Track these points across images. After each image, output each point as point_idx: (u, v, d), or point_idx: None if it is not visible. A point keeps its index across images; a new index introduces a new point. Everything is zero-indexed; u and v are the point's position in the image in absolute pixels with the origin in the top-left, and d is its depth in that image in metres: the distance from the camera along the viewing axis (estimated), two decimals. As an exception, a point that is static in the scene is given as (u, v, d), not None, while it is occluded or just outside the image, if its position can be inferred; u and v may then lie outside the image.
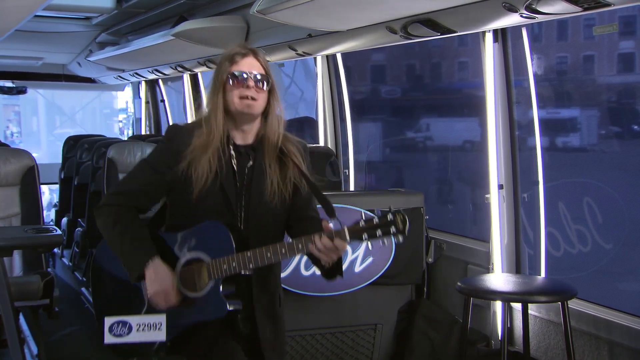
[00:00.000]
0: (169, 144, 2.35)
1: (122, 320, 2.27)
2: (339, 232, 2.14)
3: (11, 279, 3.51)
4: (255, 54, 2.36)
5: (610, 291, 3.99)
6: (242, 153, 2.35)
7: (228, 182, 2.30)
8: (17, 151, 4.31)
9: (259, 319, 2.36)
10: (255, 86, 2.29)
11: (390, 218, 2.11)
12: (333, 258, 2.19)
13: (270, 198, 2.32)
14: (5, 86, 9.04)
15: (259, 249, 2.20)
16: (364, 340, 3.79)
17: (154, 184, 2.35)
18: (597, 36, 4.82)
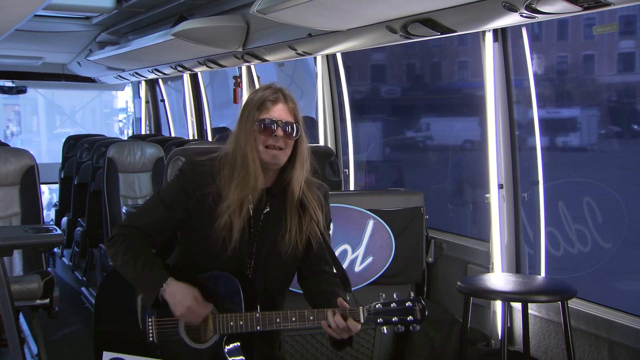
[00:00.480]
0: (183, 181, 2.27)
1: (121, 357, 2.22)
2: (354, 312, 2.07)
3: (11, 279, 3.52)
4: (285, 99, 2.25)
5: (610, 291, 3.98)
6: (259, 198, 2.25)
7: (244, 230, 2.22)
8: (17, 151, 4.32)
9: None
10: (284, 135, 2.20)
11: (408, 305, 2.05)
12: (344, 337, 2.12)
13: (284, 248, 2.24)
14: (5, 86, 9.05)
15: (269, 313, 2.14)
16: (364, 339, 3.79)
17: (165, 222, 2.27)
18: (597, 36, 4.82)
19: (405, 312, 2.05)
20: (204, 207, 2.21)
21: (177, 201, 2.25)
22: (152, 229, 2.26)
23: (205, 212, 2.20)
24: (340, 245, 3.59)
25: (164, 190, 2.33)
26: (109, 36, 6.80)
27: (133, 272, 2.21)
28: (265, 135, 2.19)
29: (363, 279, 3.66)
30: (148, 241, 2.27)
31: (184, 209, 2.24)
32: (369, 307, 2.08)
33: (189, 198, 2.23)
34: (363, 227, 3.63)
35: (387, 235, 3.68)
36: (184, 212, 2.24)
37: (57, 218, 7.45)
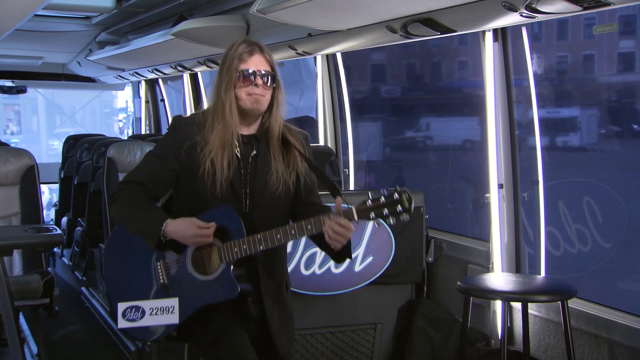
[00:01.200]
0: (174, 134, 2.46)
1: (136, 305, 2.34)
2: (347, 211, 2.19)
3: (11, 279, 3.52)
4: (261, 50, 2.45)
5: (610, 290, 3.99)
6: (246, 143, 2.44)
7: (234, 172, 2.40)
8: (17, 150, 4.32)
9: (267, 303, 2.43)
10: (262, 84, 2.39)
11: (396, 197, 2.17)
12: (342, 241, 2.24)
13: (274, 186, 2.41)
14: (5, 85, 9.04)
15: (269, 231, 2.28)
16: (364, 339, 3.79)
17: (160, 173, 2.43)
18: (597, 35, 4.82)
19: (394, 204, 2.16)
20: (193, 155, 2.39)
21: (169, 153, 2.43)
22: (150, 181, 2.43)
23: (195, 160, 2.39)
24: (340, 245, 3.59)
25: (157, 146, 2.51)
26: (109, 36, 6.80)
27: (134, 222, 2.37)
28: (245, 84, 2.38)
29: (363, 279, 3.66)
30: (146, 194, 2.42)
31: (176, 159, 2.42)
32: (360, 205, 2.20)
33: (179, 149, 2.41)
34: (363, 227, 3.63)
35: (387, 235, 3.68)
36: (176, 162, 2.42)
37: (57, 218, 7.45)
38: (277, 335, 2.45)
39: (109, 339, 4.82)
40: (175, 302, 2.32)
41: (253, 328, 2.43)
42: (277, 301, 2.47)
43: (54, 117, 13.99)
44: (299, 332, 3.65)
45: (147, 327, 2.35)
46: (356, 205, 2.20)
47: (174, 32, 4.75)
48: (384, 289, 3.78)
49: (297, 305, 3.61)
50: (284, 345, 2.48)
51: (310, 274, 3.56)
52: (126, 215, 2.40)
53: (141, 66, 7.04)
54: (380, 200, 2.18)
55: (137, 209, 2.37)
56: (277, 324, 2.45)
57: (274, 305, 2.46)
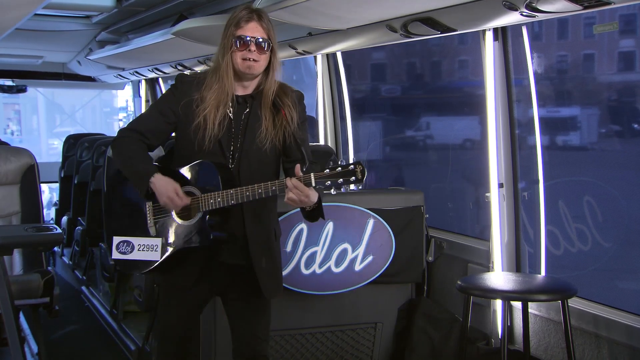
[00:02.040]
0: (175, 91, 2.66)
1: (127, 240, 2.65)
2: (306, 177, 2.40)
3: (11, 278, 3.52)
4: (259, 17, 2.60)
5: (610, 290, 3.99)
6: (241, 102, 2.64)
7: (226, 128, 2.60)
8: (17, 150, 4.32)
9: (253, 250, 2.61)
10: (257, 49, 2.55)
11: (351, 168, 2.37)
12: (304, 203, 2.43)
13: (261, 143, 2.59)
14: (5, 85, 9.03)
15: (241, 188, 2.49)
16: (364, 338, 3.79)
17: (158, 125, 2.65)
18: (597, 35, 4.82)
19: (348, 174, 2.37)
20: (189, 111, 2.60)
21: (168, 107, 2.65)
22: (148, 131, 2.65)
23: (189, 116, 2.60)
24: (340, 244, 3.59)
25: (159, 100, 2.74)
26: (109, 35, 6.79)
27: (129, 170, 2.63)
28: (241, 49, 2.56)
29: (363, 278, 3.66)
30: (144, 142, 2.65)
31: (173, 113, 2.63)
32: (318, 173, 2.40)
33: (177, 104, 2.62)
34: (363, 226, 3.63)
35: (387, 234, 3.68)
36: (174, 116, 2.64)
37: (57, 217, 7.45)
38: (264, 280, 2.63)
39: (109, 338, 4.82)
40: (158, 242, 2.61)
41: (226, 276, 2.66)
42: (264, 248, 2.65)
43: (54, 117, 13.99)
44: (300, 330, 3.65)
45: (134, 261, 2.62)
46: (315, 173, 2.39)
47: (174, 32, 4.75)
48: (384, 288, 3.78)
49: (297, 305, 3.63)
50: (270, 290, 2.67)
51: (310, 273, 3.56)
52: (123, 162, 2.64)
53: (141, 65, 7.04)
54: (336, 170, 2.37)
55: (132, 158, 2.61)
56: (264, 269, 2.63)
57: (261, 251, 2.63)
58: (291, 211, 3.47)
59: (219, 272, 2.66)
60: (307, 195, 2.40)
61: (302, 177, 2.40)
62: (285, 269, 3.49)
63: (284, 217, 3.47)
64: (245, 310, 2.72)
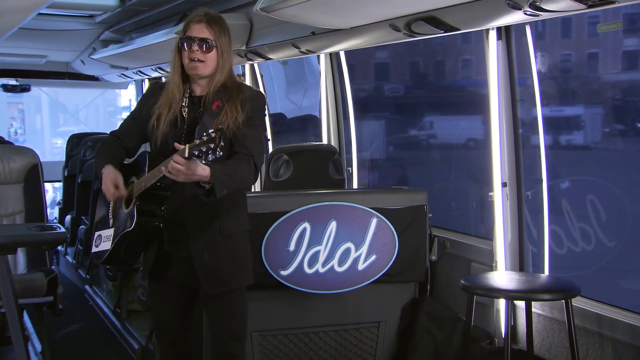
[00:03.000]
0: (145, 97, 2.85)
1: (99, 233, 2.85)
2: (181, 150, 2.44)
3: (15, 277, 3.52)
4: (209, 20, 2.68)
5: (614, 289, 3.98)
6: (196, 102, 2.74)
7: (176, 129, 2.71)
8: (21, 149, 4.33)
9: (194, 243, 2.70)
10: (200, 49, 2.65)
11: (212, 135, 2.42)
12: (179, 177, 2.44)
13: None
14: (9, 84, 9.04)
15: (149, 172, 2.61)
16: (367, 338, 3.79)
17: (131, 127, 2.86)
18: (601, 34, 4.82)
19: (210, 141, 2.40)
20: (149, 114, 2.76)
21: (138, 111, 2.84)
22: (124, 135, 2.87)
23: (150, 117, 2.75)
24: (343, 243, 3.59)
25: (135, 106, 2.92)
26: (113, 34, 6.79)
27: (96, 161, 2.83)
28: (184, 50, 2.69)
29: (366, 277, 3.66)
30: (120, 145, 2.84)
31: (141, 116, 2.80)
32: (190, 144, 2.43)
33: (146, 108, 2.78)
34: (366, 225, 3.63)
35: (390, 234, 3.68)
36: (141, 118, 2.80)
37: (60, 216, 7.47)
38: (202, 273, 2.70)
39: (113, 337, 4.83)
40: (111, 232, 2.77)
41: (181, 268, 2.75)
42: (207, 242, 2.70)
43: (58, 116, 14.01)
44: (302, 330, 3.65)
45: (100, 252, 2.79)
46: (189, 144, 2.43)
47: (177, 31, 4.74)
48: (387, 287, 3.78)
49: (300, 304, 3.63)
50: (209, 284, 2.73)
51: (313, 272, 3.56)
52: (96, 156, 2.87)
53: (145, 65, 7.04)
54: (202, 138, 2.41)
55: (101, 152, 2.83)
56: (205, 265, 2.70)
57: (204, 246, 2.70)
58: (293, 211, 3.48)
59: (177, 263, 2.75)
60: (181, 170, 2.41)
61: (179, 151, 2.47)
62: (288, 268, 3.50)
63: (286, 216, 3.47)
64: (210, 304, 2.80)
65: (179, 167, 2.41)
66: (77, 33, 6.87)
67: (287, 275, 3.49)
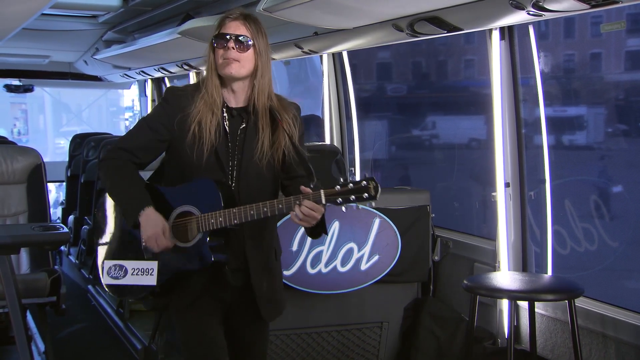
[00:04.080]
0: (165, 105, 2.46)
1: (119, 264, 2.46)
2: (316, 194, 2.25)
3: (18, 277, 3.53)
4: (245, 18, 2.41)
5: (618, 289, 3.98)
6: (235, 115, 2.45)
7: (221, 143, 2.41)
8: (24, 149, 4.34)
9: (253, 271, 2.46)
10: (236, 47, 2.36)
11: (364, 184, 2.22)
12: (311, 223, 2.28)
13: (259, 159, 2.42)
14: (12, 84, 9.06)
15: (244, 207, 2.31)
16: (370, 337, 3.79)
17: (150, 142, 2.46)
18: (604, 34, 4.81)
19: (361, 191, 2.21)
20: (184, 126, 2.40)
21: (160, 123, 2.44)
22: (138, 150, 2.46)
23: (185, 130, 2.40)
24: (346, 243, 3.59)
25: (149, 115, 2.54)
26: (116, 35, 6.80)
27: (118, 197, 2.45)
28: (219, 48, 2.39)
29: (369, 278, 3.66)
30: (134, 163, 2.47)
31: (166, 130, 2.43)
32: (329, 190, 2.25)
33: (170, 119, 2.42)
34: (369, 225, 3.63)
35: (393, 234, 3.68)
36: (167, 132, 2.44)
37: (63, 216, 7.48)
38: (263, 302, 2.48)
39: (116, 337, 4.83)
40: (154, 265, 2.41)
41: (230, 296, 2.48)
42: (265, 269, 2.50)
43: (61, 116, 14.03)
44: (306, 330, 3.65)
45: (128, 286, 2.45)
46: (325, 189, 2.26)
47: (180, 31, 4.76)
48: (390, 287, 3.78)
49: (303, 304, 3.63)
50: (270, 312, 2.53)
51: (316, 272, 3.56)
52: (111, 187, 2.45)
53: (147, 65, 7.05)
54: (348, 186, 2.23)
55: (121, 183, 2.43)
56: (264, 292, 2.48)
57: (262, 273, 2.48)
58: (297, 210, 3.47)
59: (222, 292, 2.48)
60: (315, 217, 2.26)
61: (312, 194, 2.24)
62: (291, 269, 3.50)
63: (288, 216, 3.46)
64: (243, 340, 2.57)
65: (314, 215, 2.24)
66: (80, 33, 6.88)
67: (290, 276, 3.49)
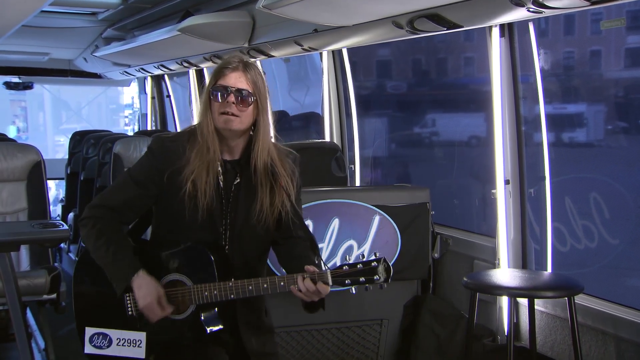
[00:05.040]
0: (153, 159, 2.29)
1: (103, 332, 2.29)
2: (322, 275, 2.13)
3: (18, 274, 3.53)
4: (245, 67, 2.25)
5: (617, 287, 3.98)
6: (229, 169, 2.29)
7: (215, 201, 2.25)
8: (23, 146, 4.33)
9: (244, 333, 2.34)
10: (236, 102, 2.21)
11: (374, 265, 2.12)
12: (314, 299, 2.18)
13: (257, 220, 2.27)
14: (12, 81, 9.06)
15: (241, 281, 2.18)
16: (369, 335, 3.80)
17: (137, 199, 2.29)
18: (604, 31, 4.80)
19: (371, 272, 2.12)
20: (175, 182, 2.24)
21: (148, 178, 2.27)
22: (124, 207, 2.29)
23: (177, 186, 2.24)
24: (345, 240, 3.59)
25: (135, 169, 2.34)
26: (115, 32, 6.80)
27: (104, 259, 2.24)
28: (217, 101, 2.21)
29: (369, 275, 3.65)
30: (119, 222, 2.29)
31: (155, 185, 2.27)
32: (336, 271, 2.14)
33: (160, 174, 2.25)
34: (369, 222, 3.63)
35: (393, 231, 3.68)
36: (155, 188, 2.27)
37: (63, 213, 7.47)
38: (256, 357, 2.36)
39: (116, 334, 4.83)
40: (142, 337, 2.25)
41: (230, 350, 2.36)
42: (255, 329, 2.38)
43: (60, 113, 14.05)
44: (305, 327, 3.66)
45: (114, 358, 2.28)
46: (332, 270, 2.14)
47: (179, 28, 4.75)
48: (390, 285, 3.73)
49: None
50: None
51: (316, 269, 3.56)
52: (97, 249, 2.25)
53: (147, 62, 7.04)
54: (357, 267, 2.12)
55: (108, 246, 2.23)
56: (255, 350, 2.36)
57: (252, 333, 2.36)
58: (297, 208, 3.47)
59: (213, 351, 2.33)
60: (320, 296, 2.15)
61: (318, 274, 2.12)
62: (291, 266, 3.49)
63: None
64: None
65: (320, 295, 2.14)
66: (79, 30, 6.88)
67: (289, 273, 3.49)
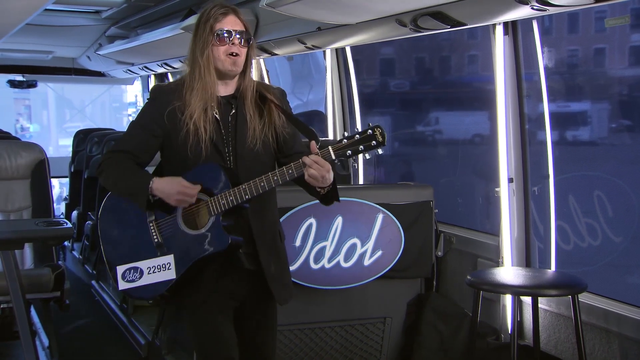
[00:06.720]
0: (153, 102, 2.52)
1: (134, 266, 2.44)
2: (325, 151, 2.28)
3: (22, 272, 3.54)
4: (235, 12, 2.50)
5: (621, 285, 3.97)
6: (225, 103, 2.50)
7: (216, 133, 2.46)
8: (28, 144, 4.35)
9: (262, 254, 2.47)
10: (239, 43, 2.45)
11: (370, 132, 2.27)
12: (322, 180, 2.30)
13: (252, 143, 2.47)
14: (15, 80, 9.08)
15: (253, 181, 2.34)
16: (373, 333, 3.80)
17: (144, 140, 2.49)
18: (608, 29, 4.79)
19: (368, 139, 2.26)
20: (175, 120, 2.44)
21: (152, 120, 2.48)
22: (136, 149, 2.48)
23: (177, 124, 2.44)
24: (349, 239, 3.59)
25: (139, 116, 2.57)
26: (119, 30, 6.81)
27: (123, 186, 2.45)
28: (223, 44, 2.44)
29: (372, 273, 3.66)
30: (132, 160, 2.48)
31: (158, 125, 2.47)
32: (336, 145, 2.28)
33: (161, 116, 2.46)
34: (372, 221, 3.63)
35: (397, 229, 3.68)
36: (158, 128, 2.47)
37: (67, 212, 7.49)
38: (275, 285, 2.50)
39: (119, 332, 4.85)
40: (170, 259, 2.40)
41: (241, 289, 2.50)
42: (271, 251, 2.52)
43: (64, 112, 14.06)
44: (309, 325, 3.66)
45: (146, 286, 2.42)
46: (333, 145, 2.28)
47: (183, 26, 4.76)
48: (393, 283, 3.78)
49: (306, 299, 3.64)
50: (282, 295, 2.54)
51: (319, 268, 3.56)
52: (114, 181, 2.46)
53: (150, 60, 7.05)
54: (354, 137, 2.27)
55: (124, 173, 2.44)
56: (273, 274, 2.50)
57: (269, 255, 2.50)
58: (299, 206, 3.48)
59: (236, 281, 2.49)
60: (329, 169, 2.29)
61: (320, 152, 2.28)
62: (294, 264, 3.50)
63: (292, 212, 3.47)
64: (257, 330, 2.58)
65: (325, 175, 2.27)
66: (83, 29, 6.89)
67: (293, 271, 3.49)
